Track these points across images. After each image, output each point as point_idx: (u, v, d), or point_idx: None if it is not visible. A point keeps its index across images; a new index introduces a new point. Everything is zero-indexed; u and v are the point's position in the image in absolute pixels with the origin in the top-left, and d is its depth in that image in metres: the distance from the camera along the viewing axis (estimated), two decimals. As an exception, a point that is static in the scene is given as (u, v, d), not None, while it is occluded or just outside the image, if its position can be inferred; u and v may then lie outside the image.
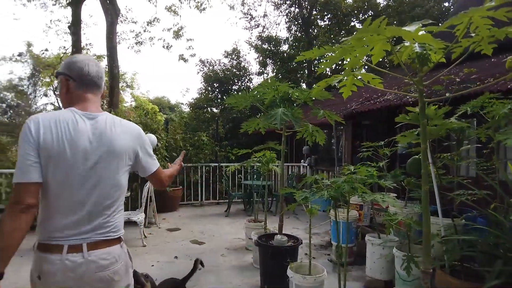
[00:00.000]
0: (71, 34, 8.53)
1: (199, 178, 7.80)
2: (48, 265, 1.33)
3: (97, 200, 1.40)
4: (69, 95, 1.46)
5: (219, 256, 4.57)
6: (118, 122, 1.50)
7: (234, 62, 13.22)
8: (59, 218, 1.36)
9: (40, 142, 1.31)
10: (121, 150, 1.45)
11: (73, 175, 1.35)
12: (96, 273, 1.38)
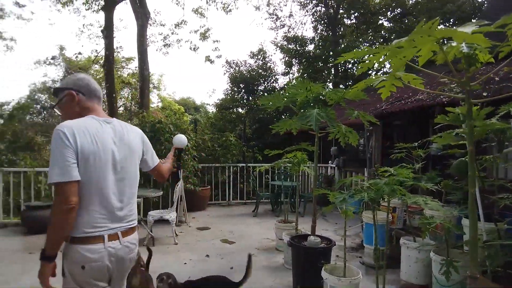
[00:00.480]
0: (104, 38, 8.84)
1: (226, 178, 7.89)
2: (92, 254, 1.51)
3: (126, 191, 1.66)
4: (78, 107, 1.65)
5: (250, 256, 4.60)
6: (128, 126, 1.77)
7: (260, 62, 13.25)
8: (97, 211, 1.54)
9: (77, 145, 1.48)
10: (136, 148, 1.73)
11: (106, 172, 1.56)
12: (128, 255, 1.66)
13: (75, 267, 1.51)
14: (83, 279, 1.53)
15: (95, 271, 1.53)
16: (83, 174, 1.48)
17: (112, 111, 8.28)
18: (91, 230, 1.52)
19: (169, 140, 6.29)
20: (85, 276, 1.52)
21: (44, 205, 5.64)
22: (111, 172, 1.58)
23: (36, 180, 6.17)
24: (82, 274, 1.51)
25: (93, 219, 1.53)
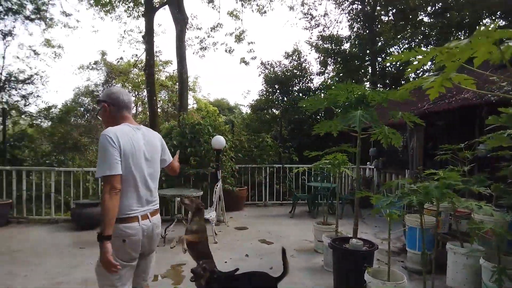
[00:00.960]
0: (144, 43, 9.21)
1: (263, 179, 7.95)
2: (131, 230, 1.97)
3: (153, 181, 2.13)
4: (110, 116, 2.11)
5: (289, 257, 4.58)
6: (151, 131, 2.25)
7: (295, 63, 13.19)
8: (133, 198, 1.99)
9: (121, 146, 1.92)
10: (158, 149, 2.21)
11: (140, 167, 2.02)
12: (155, 231, 2.13)
13: (117, 242, 1.92)
14: (123, 251, 1.95)
15: (132, 244, 1.98)
16: (124, 170, 1.93)
17: (153, 113, 8.61)
18: (129, 212, 1.97)
19: (208, 142, 6.44)
20: (125, 248, 1.96)
21: (92, 203, 5.99)
22: (143, 169, 2.04)
23: (85, 179, 6.54)
24: (123, 246, 1.95)
25: (130, 204, 1.97)
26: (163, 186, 6.24)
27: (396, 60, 1.85)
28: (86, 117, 18.23)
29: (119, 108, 2.11)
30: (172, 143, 6.36)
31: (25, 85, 10.95)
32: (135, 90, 20.96)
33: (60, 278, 3.74)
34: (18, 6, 10.95)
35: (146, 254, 2.15)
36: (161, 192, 5.43)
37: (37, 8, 11.78)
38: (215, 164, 6.26)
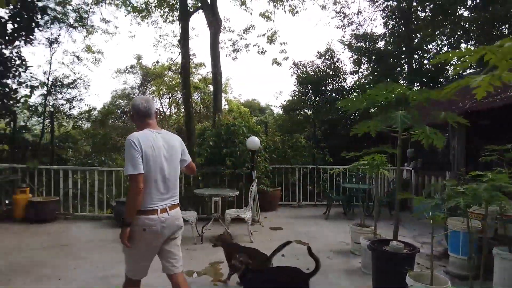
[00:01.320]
0: (180, 47, 9.49)
1: (296, 180, 7.95)
2: (150, 221, 2.28)
3: (172, 179, 2.42)
4: (135, 121, 2.52)
5: (326, 258, 4.60)
6: (171, 134, 2.56)
7: (328, 62, 13.06)
8: (153, 194, 2.31)
9: (142, 149, 2.26)
10: (178, 150, 2.50)
11: (160, 167, 2.33)
12: (174, 222, 2.42)
13: (139, 230, 2.28)
14: (144, 238, 2.30)
15: (151, 233, 2.30)
16: (145, 169, 2.26)
17: (189, 114, 8.83)
18: (149, 206, 2.29)
19: (243, 142, 6.54)
20: (145, 236, 2.29)
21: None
22: (163, 168, 2.35)
23: (126, 178, 6.83)
24: (143, 234, 2.28)
25: (150, 199, 2.30)
26: (199, 186, 6.41)
27: (442, 59, 1.82)
28: (122, 119, 18.92)
29: (140, 116, 2.47)
30: (208, 144, 6.51)
31: (69, 89, 11.60)
32: (169, 93, 21.55)
33: (106, 272, 3.93)
34: (63, 15, 11.62)
35: (169, 244, 2.47)
36: (198, 192, 5.59)
37: (79, 17, 12.44)
38: (250, 165, 6.34)
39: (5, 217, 6.34)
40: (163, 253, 2.47)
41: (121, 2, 13.51)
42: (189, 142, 8.80)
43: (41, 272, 3.99)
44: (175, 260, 2.50)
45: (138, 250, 2.33)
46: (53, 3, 11.20)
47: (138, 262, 2.40)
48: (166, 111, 22.51)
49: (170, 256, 2.48)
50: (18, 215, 6.31)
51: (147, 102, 2.51)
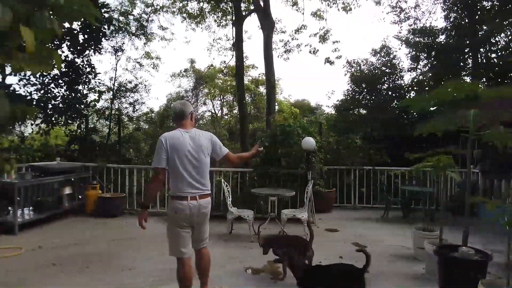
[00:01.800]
0: (234, 50, 9.73)
1: (352, 181, 7.77)
2: (180, 205, 2.78)
3: (199, 172, 2.85)
4: (174, 123, 3.04)
5: (386, 262, 4.47)
6: (200, 132, 2.97)
7: (383, 59, 12.56)
8: (182, 183, 2.79)
9: (168, 147, 2.77)
10: (204, 147, 2.89)
11: (186, 161, 2.79)
12: (202, 210, 2.86)
13: (171, 211, 2.84)
14: (175, 219, 2.83)
15: (181, 215, 2.79)
16: (173, 163, 2.78)
17: (243, 115, 9.03)
18: (179, 193, 2.80)
19: (298, 143, 6.55)
20: (176, 217, 2.82)
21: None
22: (187, 163, 2.79)
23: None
24: (175, 215, 2.82)
25: (180, 188, 2.79)
26: (255, 186, 6.52)
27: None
28: (177, 120, 19.66)
29: (175, 118, 3.02)
30: (263, 145, 6.61)
31: (132, 93, 12.41)
32: (221, 94, 22.14)
33: (171, 265, 4.14)
34: (126, 24, 12.46)
35: (197, 226, 2.94)
36: (255, 191, 5.71)
37: (140, 25, 13.25)
38: (305, 165, 6.33)
39: (78, 211, 6.95)
40: (193, 235, 2.96)
41: (177, 9, 14.18)
42: (243, 143, 8.99)
43: (113, 262, 4.33)
44: (201, 239, 3.02)
45: (173, 230, 2.87)
46: (117, 13, 12.07)
47: (175, 241, 2.88)
48: (217, 113, 23.17)
49: (198, 238, 3.00)
50: (89, 210, 6.89)
51: (182, 105, 3.01)
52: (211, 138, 3.01)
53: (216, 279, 3.82)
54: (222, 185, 5.83)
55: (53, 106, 9.34)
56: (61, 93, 9.55)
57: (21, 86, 9.03)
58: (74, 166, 7.29)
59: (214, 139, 3.05)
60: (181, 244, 2.86)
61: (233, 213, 5.41)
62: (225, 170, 7.31)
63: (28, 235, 5.41)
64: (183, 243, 2.87)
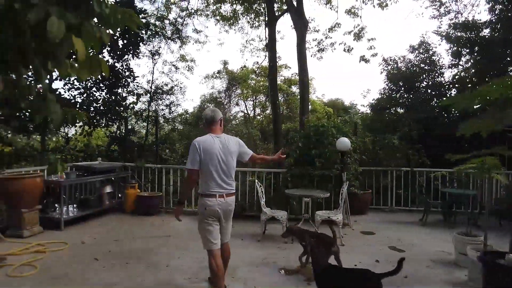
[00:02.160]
0: (267, 50, 9.75)
1: (389, 183, 7.55)
2: (210, 202, 3.09)
3: (227, 174, 3.15)
4: (205, 128, 3.32)
5: (424, 267, 4.31)
6: (229, 137, 3.28)
7: (422, 56, 12.07)
8: (212, 183, 3.09)
9: (201, 151, 3.07)
10: (232, 151, 3.21)
11: (215, 164, 3.08)
12: (228, 207, 3.19)
13: (202, 208, 3.13)
14: (205, 214, 3.12)
15: (211, 211, 3.10)
16: (204, 166, 3.06)
17: (276, 116, 9.02)
18: (208, 192, 3.09)
19: (332, 143, 6.46)
20: (206, 213, 3.11)
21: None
22: (217, 165, 3.08)
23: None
24: (205, 211, 3.11)
25: (210, 187, 3.09)
26: (288, 186, 6.51)
27: None
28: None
29: (206, 124, 3.30)
30: (297, 145, 6.59)
31: (168, 95, 12.78)
32: (254, 95, 22.26)
33: (206, 263, 4.24)
34: (161, 29, 12.84)
35: (224, 222, 3.24)
36: (289, 192, 5.70)
37: (175, 29, 13.61)
38: (340, 166, 6.23)
39: (118, 209, 7.26)
40: (220, 230, 3.25)
41: (210, 12, 14.41)
42: (276, 143, 8.97)
43: (150, 259, 4.49)
44: (225, 233, 3.33)
45: (204, 225, 3.15)
46: (154, 18, 12.47)
47: (206, 235, 3.15)
48: (250, 113, 23.30)
49: (224, 233, 3.30)
50: (128, 208, 7.18)
51: (212, 112, 3.29)
52: (238, 143, 3.34)
53: (250, 280, 3.87)
54: (256, 185, 5.86)
55: (94, 109, 9.83)
56: (102, 96, 10.04)
57: (65, 90, 9.61)
58: (114, 166, 7.61)
59: (241, 143, 3.40)
60: (212, 237, 3.14)
61: (267, 214, 5.43)
62: (259, 170, 7.35)
63: (72, 231, 5.73)
64: (213, 236, 3.15)
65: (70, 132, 10.62)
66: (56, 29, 1.71)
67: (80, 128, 9.78)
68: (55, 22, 1.71)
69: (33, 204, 5.51)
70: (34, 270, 4.02)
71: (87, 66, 1.93)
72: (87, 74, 1.95)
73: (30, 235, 5.31)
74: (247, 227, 6.06)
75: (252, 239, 5.42)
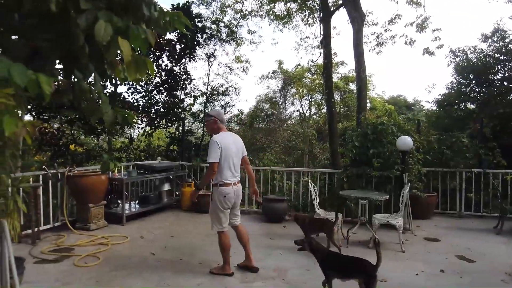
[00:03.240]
0: (322, 47, 9.46)
1: (457, 185, 6.88)
2: (227, 190, 3.72)
3: (237, 166, 3.84)
4: (216, 127, 3.85)
5: (499, 280, 3.83)
6: (235, 135, 4.04)
7: (496, 45, 10.86)
8: (227, 173, 3.72)
9: (221, 146, 3.67)
10: (240, 147, 3.92)
11: (231, 157, 3.74)
12: (239, 193, 3.93)
13: (220, 196, 3.70)
14: (223, 202, 3.71)
15: (228, 199, 3.72)
16: (222, 159, 3.66)
17: (331, 115, 8.68)
18: (226, 181, 3.71)
19: (392, 142, 6.05)
20: (225, 200, 3.71)
21: (279, 199, 6.54)
22: (232, 157, 3.74)
23: (272, 177, 7.21)
24: (223, 199, 3.70)
25: (226, 176, 3.71)
26: (344, 187, 6.23)
27: None
28: (266, 121, 20.04)
29: (220, 122, 3.86)
30: (353, 144, 6.28)
31: (223, 96, 13.07)
32: (309, 94, 21.91)
33: (258, 263, 4.19)
34: (217, 32, 13.15)
35: (234, 206, 3.90)
36: (344, 193, 5.45)
37: (230, 31, 13.84)
38: (401, 167, 5.81)
39: (175, 206, 7.55)
40: (230, 214, 3.88)
41: (264, 12, 14.42)
42: (331, 143, 8.68)
43: (204, 256, 4.56)
44: (237, 217, 4.01)
45: (220, 210, 3.74)
46: (209, 22, 12.81)
47: (220, 219, 3.77)
48: (305, 112, 22.97)
49: (234, 214, 3.96)
50: (184, 205, 7.42)
51: (222, 114, 4.04)
52: (242, 142, 4.05)
53: (301, 283, 3.75)
54: (309, 186, 5.69)
55: (155, 111, 10.38)
56: (162, 99, 10.56)
57: (129, 94, 10.28)
58: (172, 165, 7.92)
59: (242, 142, 4.08)
60: (225, 221, 3.81)
61: (320, 215, 5.24)
62: (313, 170, 7.18)
63: (133, 226, 6.04)
64: (224, 221, 3.81)
65: (134, 133, 11.34)
66: (103, 32, 1.77)
67: (142, 129, 10.38)
68: (102, 25, 1.77)
69: (99, 200, 5.92)
70: (97, 261, 4.29)
71: (134, 66, 1.97)
72: (134, 74, 2.00)
73: (96, 229, 5.71)
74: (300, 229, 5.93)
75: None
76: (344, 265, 3.23)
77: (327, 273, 3.22)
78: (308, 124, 20.49)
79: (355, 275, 3.12)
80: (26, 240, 5.01)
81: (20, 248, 4.70)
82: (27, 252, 4.56)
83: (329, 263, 3.27)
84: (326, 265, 3.26)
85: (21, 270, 3.66)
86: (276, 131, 18.45)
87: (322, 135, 19.20)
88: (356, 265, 3.13)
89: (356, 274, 3.10)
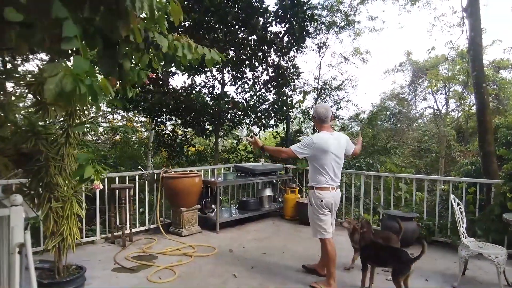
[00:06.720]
0: (466, 17, 7.24)
1: None
2: (325, 195, 3.48)
3: (338, 169, 3.56)
4: (317, 125, 3.68)
5: None
6: (340, 134, 3.76)
7: None
8: (326, 177, 3.48)
9: (315, 146, 3.45)
10: (343, 146, 3.61)
11: (330, 160, 3.47)
12: (338, 199, 3.65)
13: (317, 200, 3.48)
14: (321, 206, 3.47)
15: (326, 202, 3.48)
16: (319, 161, 3.47)
17: (482, 104, 6.26)
18: (324, 185, 3.48)
19: None
20: (322, 204, 3.47)
21: (405, 216, 4.90)
22: (331, 160, 3.47)
23: (396, 186, 5.60)
24: (321, 203, 3.47)
25: (325, 180, 3.47)
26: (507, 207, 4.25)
27: None
28: (392, 120, 17.75)
29: (319, 120, 3.58)
30: None
31: (337, 91, 11.67)
32: (446, 86, 18.65)
33: None
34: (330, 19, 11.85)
35: (332, 212, 3.59)
36: (507, 217, 3.59)
37: (346, 19, 12.37)
38: None
39: (277, 214, 6.70)
40: None
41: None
42: (482, 142, 6.38)
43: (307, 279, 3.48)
44: (333, 224, 3.65)
45: (319, 216, 3.46)
46: (321, 10, 11.61)
47: (322, 224, 3.46)
48: (441, 109, 19.51)
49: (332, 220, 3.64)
50: (287, 214, 6.47)
51: (326, 110, 3.55)
52: (346, 139, 3.69)
53: None
54: (451, 201, 3.98)
55: (264, 110, 9.73)
56: (270, 97, 9.84)
57: (237, 93, 9.88)
58: (276, 168, 7.02)
59: (348, 139, 3.72)
60: (327, 226, 3.48)
61: (469, 248, 3.51)
62: (457, 180, 5.35)
63: (226, 235, 5.42)
64: (328, 226, 3.49)
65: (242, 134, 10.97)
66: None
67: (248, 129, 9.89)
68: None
69: (192, 203, 5.47)
70: (172, 278, 3.73)
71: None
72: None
73: (188, 234, 5.28)
74: (436, 260, 4.27)
75: (443, 281, 3.66)
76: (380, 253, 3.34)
77: (365, 262, 3.39)
78: (445, 122, 17.32)
79: (390, 264, 3.23)
80: (119, 242, 4.84)
81: (110, 250, 4.61)
82: (112, 256, 4.36)
83: (367, 252, 3.42)
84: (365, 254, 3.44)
85: (81, 281, 3.25)
86: (404, 131, 16.04)
87: (463, 135, 16.01)
88: (391, 254, 3.22)
89: (391, 263, 3.19)
